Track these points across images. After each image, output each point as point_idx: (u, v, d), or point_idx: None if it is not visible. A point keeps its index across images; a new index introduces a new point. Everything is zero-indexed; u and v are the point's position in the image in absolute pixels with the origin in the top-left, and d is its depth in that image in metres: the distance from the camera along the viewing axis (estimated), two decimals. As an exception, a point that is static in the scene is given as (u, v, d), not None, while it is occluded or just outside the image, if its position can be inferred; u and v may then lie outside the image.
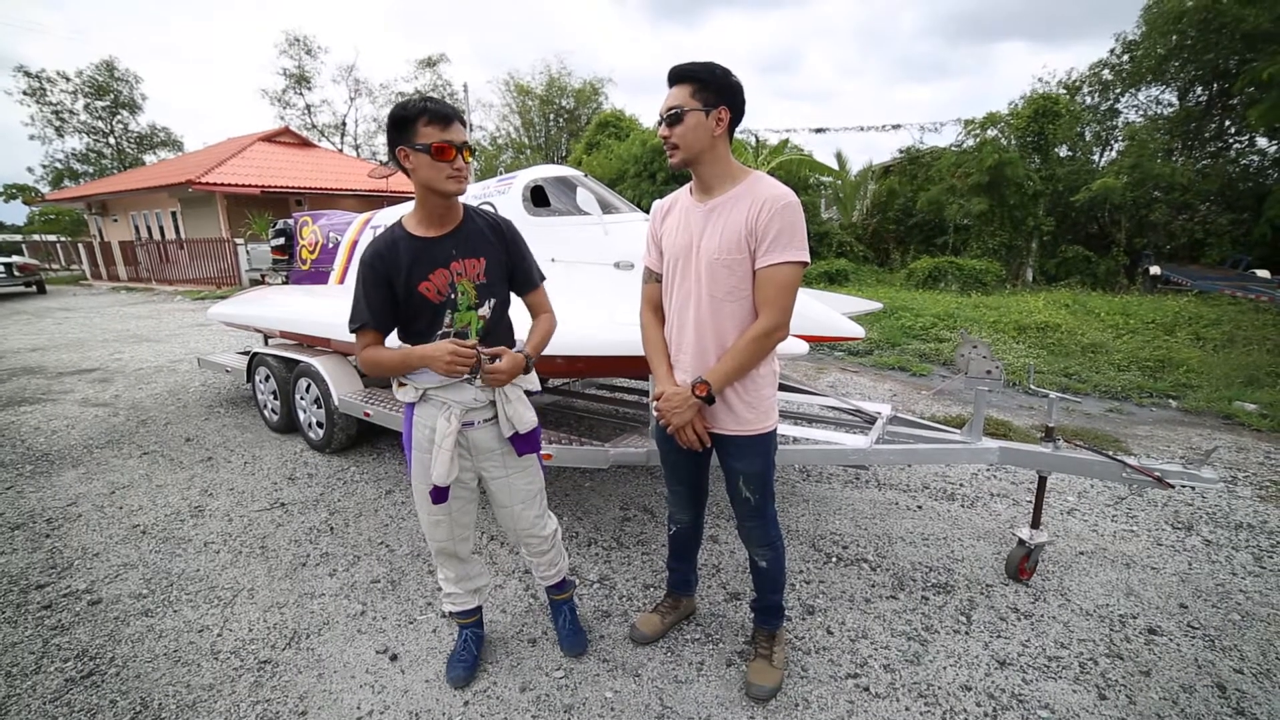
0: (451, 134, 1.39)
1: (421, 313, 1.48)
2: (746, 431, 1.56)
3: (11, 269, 13.71)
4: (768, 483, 1.62)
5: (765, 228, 1.40)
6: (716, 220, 1.47)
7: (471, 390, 1.53)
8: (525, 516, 1.71)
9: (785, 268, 1.41)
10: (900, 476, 3.20)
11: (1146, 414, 4.38)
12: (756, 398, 1.54)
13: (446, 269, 1.47)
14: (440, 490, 1.57)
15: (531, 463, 1.70)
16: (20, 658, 1.90)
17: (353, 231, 4.09)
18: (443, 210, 1.48)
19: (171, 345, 7.29)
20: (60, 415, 4.48)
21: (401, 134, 1.39)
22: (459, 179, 1.42)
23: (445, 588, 1.78)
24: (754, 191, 1.44)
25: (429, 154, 1.37)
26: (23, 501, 3.03)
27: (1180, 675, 1.78)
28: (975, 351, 2.27)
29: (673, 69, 1.44)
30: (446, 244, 1.48)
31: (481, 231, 1.53)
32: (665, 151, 1.50)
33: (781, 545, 1.71)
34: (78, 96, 29.70)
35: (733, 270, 1.45)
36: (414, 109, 1.38)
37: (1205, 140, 12.79)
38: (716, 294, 1.48)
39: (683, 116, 1.42)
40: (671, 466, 1.77)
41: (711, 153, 1.46)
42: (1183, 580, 2.26)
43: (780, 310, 1.43)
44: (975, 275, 10.30)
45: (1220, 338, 6.22)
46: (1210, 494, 2.97)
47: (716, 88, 1.42)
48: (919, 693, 1.71)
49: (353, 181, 17.31)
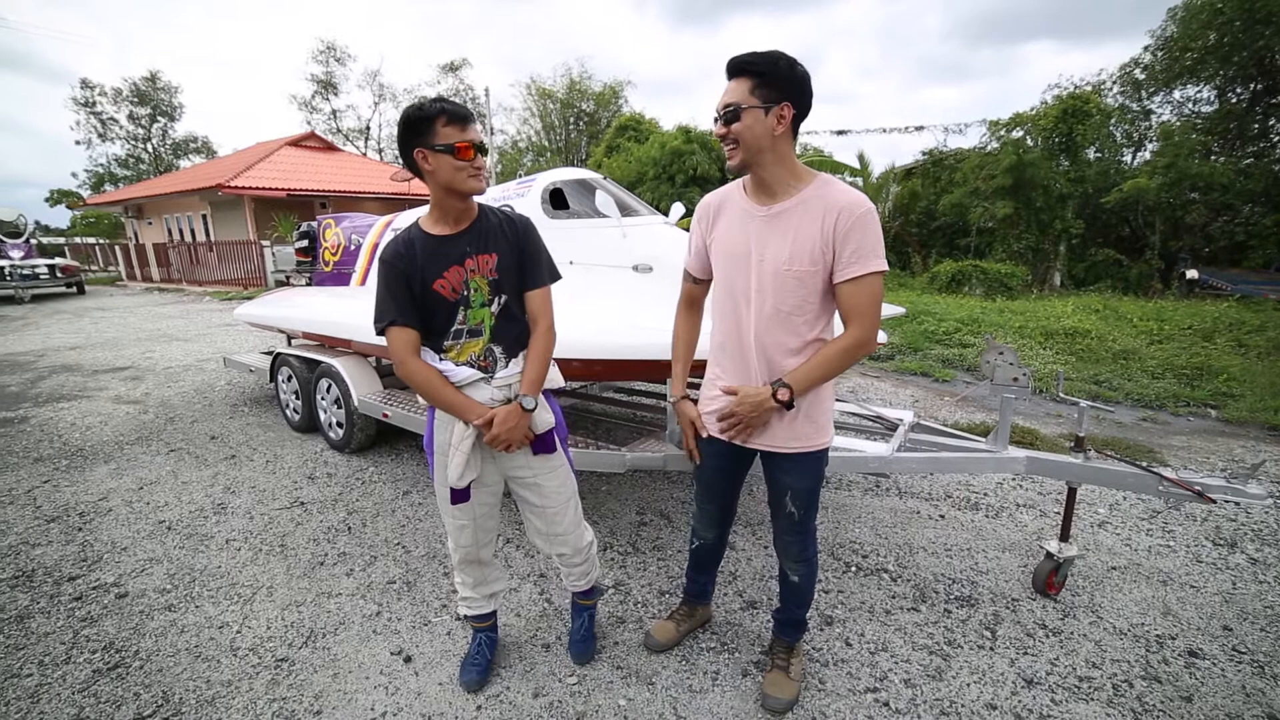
0: (470, 134, 1.40)
1: (437, 310, 1.49)
2: (804, 448, 1.48)
3: (54, 270, 14.26)
4: (815, 499, 1.55)
5: (845, 238, 1.31)
6: (783, 228, 1.37)
7: (488, 390, 1.53)
8: (559, 522, 1.67)
9: (873, 278, 1.32)
10: (922, 485, 3.12)
11: (1183, 424, 4.21)
12: (817, 410, 1.46)
13: (461, 266, 1.47)
14: (458, 492, 1.56)
15: (561, 464, 1.65)
16: (52, 647, 1.95)
17: (374, 234, 4.15)
18: (460, 210, 1.49)
19: (199, 345, 7.49)
20: (94, 412, 4.63)
21: (419, 136, 1.39)
22: (479, 178, 1.43)
23: (462, 591, 1.77)
24: (826, 198, 1.34)
25: (452, 154, 1.37)
26: (58, 495, 3.13)
27: (1225, 703, 1.69)
28: (1001, 358, 2.20)
29: (732, 60, 1.32)
30: (461, 241, 1.49)
31: (496, 227, 1.53)
32: (725, 151, 1.38)
33: (816, 562, 1.66)
34: (121, 105, 31.05)
35: (803, 282, 1.36)
36: (431, 110, 1.37)
37: (1248, 139, 12.29)
38: (783, 307, 1.39)
39: (740, 114, 1.30)
40: (706, 485, 1.70)
41: (773, 153, 1.34)
42: (1226, 600, 2.16)
43: (873, 322, 1.35)
44: (1000, 279, 10.05)
45: (1265, 344, 5.95)
46: (1255, 510, 2.84)
47: (779, 82, 1.30)
48: (941, 710, 1.65)
49: (375, 185, 17.66)
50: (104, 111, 30.88)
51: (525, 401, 1.51)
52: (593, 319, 2.38)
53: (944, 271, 10.61)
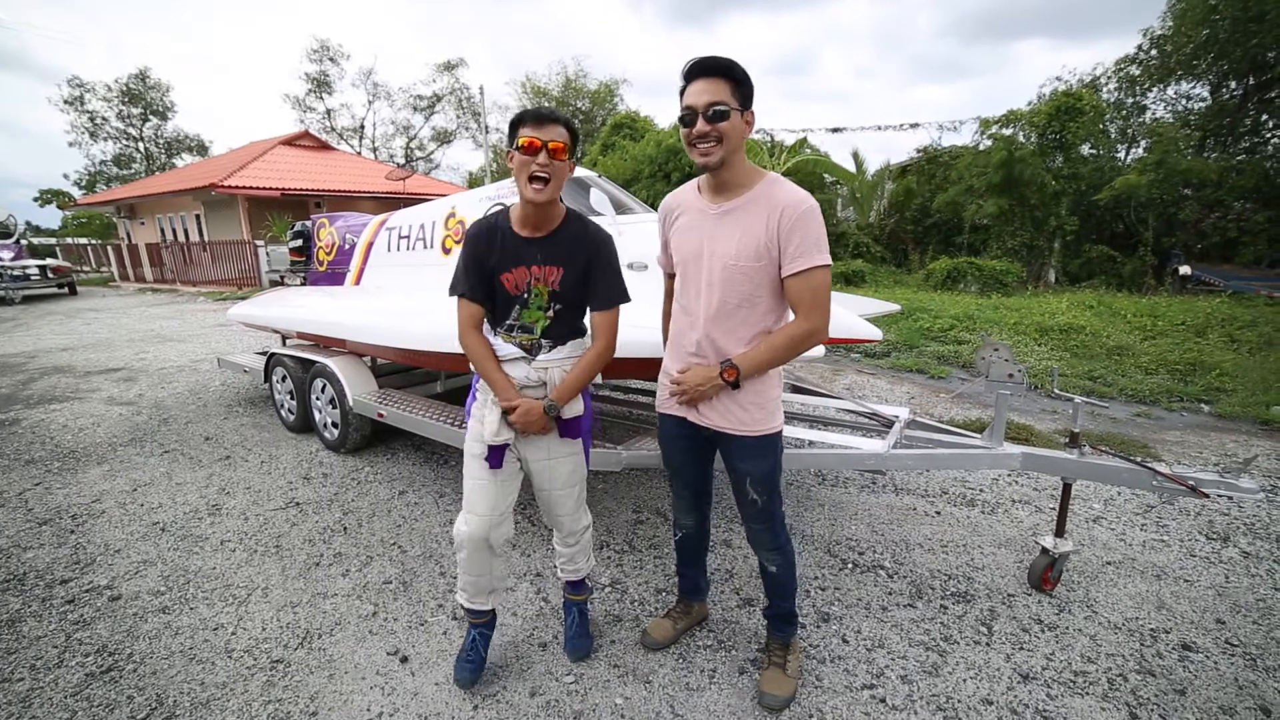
0: (543, 132, 1.46)
1: (498, 296, 1.59)
2: (754, 431, 1.54)
3: (45, 271, 14.13)
4: (775, 484, 1.61)
5: (789, 234, 1.37)
6: (732, 225, 1.43)
7: (525, 368, 1.60)
8: (563, 504, 1.75)
9: (818, 272, 1.39)
10: (918, 481, 3.13)
11: (1177, 419, 4.24)
12: (765, 398, 1.53)
13: (528, 269, 1.55)
14: (495, 450, 1.61)
15: (576, 451, 1.72)
16: (44, 651, 1.93)
17: (368, 233, 4.13)
18: (536, 215, 1.54)
19: (193, 345, 7.45)
20: (87, 413, 4.59)
21: (510, 138, 1.51)
22: (540, 185, 1.46)
23: (462, 580, 1.71)
24: (772, 197, 1.40)
25: (520, 150, 1.47)
26: (50, 498, 3.11)
27: (1219, 696, 1.70)
28: (997, 354, 2.21)
29: (706, 61, 1.36)
30: (534, 247, 1.55)
31: (572, 241, 1.57)
32: (699, 148, 1.38)
33: (791, 549, 1.69)
34: (111, 103, 30.74)
35: (749, 277, 1.43)
36: (520, 115, 1.49)
37: (1240, 135, 12.36)
38: (730, 300, 1.45)
39: (727, 113, 1.35)
40: (675, 470, 1.76)
41: (738, 154, 1.42)
42: (1219, 594, 2.17)
43: (821, 314, 1.41)
44: (995, 276, 10.09)
45: (1257, 340, 5.99)
46: (1248, 504, 2.86)
47: (748, 89, 1.39)
48: (937, 705, 1.66)
49: (370, 184, 17.56)
50: (95, 111, 30.62)
51: (550, 407, 1.58)
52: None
53: (939, 269, 10.64)
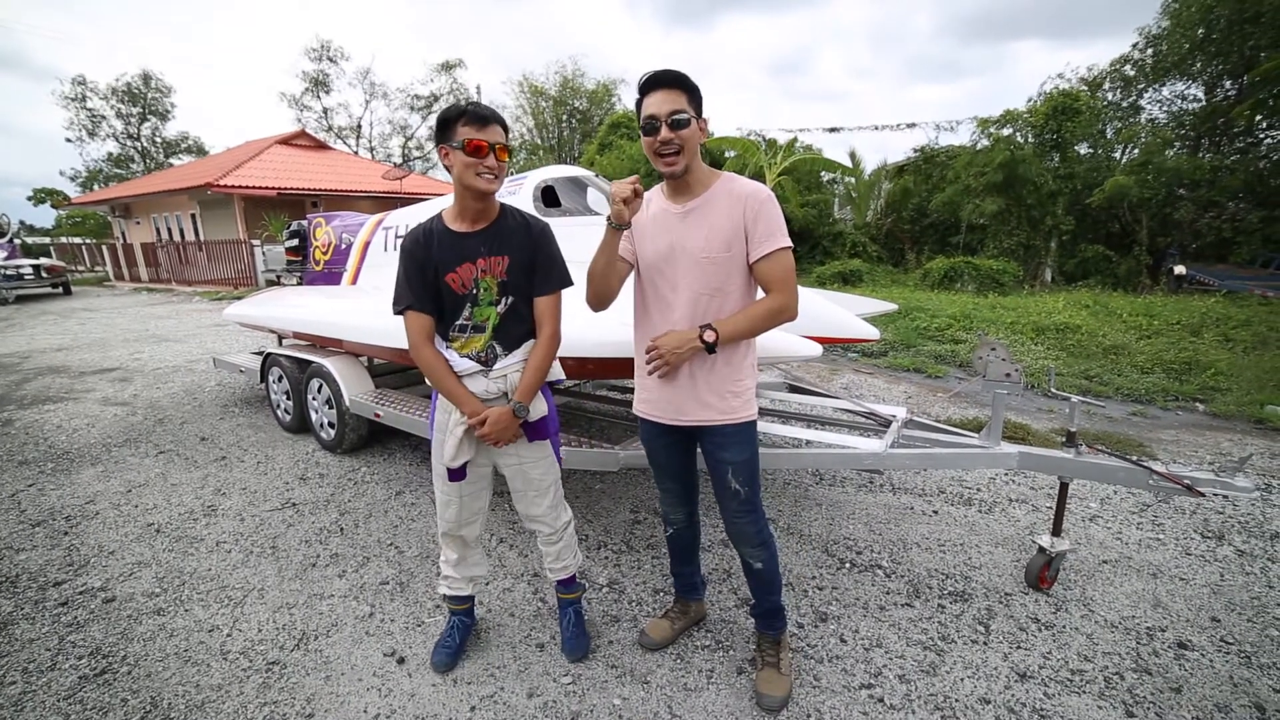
0: (486, 134, 1.47)
1: (446, 300, 1.58)
2: (734, 419, 1.58)
3: (39, 270, 14.05)
4: (755, 473, 1.64)
5: (754, 221, 1.48)
6: (698, 222, 1.52)
7: (484, 382, 1.61)
8: (539, 504, 1.77)
9: (782, 253, 1.49)
10: (915, 481, 3.13)
11: (1172, 418, 4.25)
12: (741, 386, 1.59)
13: (473, 264, 1.55)
14: (454, 471, 1.65)
15: (546, 454, 1.74)
16: (37, 654, 1.92)
17: (365, 232, 4.11)
18: (477, 208, 1.56)
19: (189, 345, 7.41)
20: (81, 414, 4.57)
21: (444, 133, 1.50)
22: (491, 177, 1.50)
23: (444, 569, 1.85)
24: (732, 191, 1.51)
25: (464, 150, 1.46)
26: (44, 499, 3.09)
27: (1214, 693, 1.71)
28: (994, 354, 2.21)
29: (661, 74, 1.46)
30: (477, 240, 1.56)
31: (512, 230, 1.60)
32: (664, 159, 1.48)
33: (774, 543, 1.71)
34: (111, 103, 30.64)
35: (720, 266, 1.51)
36: (455, 111, 1.48)
37: (1234, 135, 12.42)
38: (705, 290, 1.53)
39: (689, 122, 1.45)
40: (661, 466, 1.78)
41: (695, 158, 1.52)
42: (1214, 592, 2.18)
43: (791, 291, 1.50)
44: (992, 275, 10.12)
45: (1251, 339, 6.02)
46: (1243, 502, 2.87)
47: (700, 98, 1.49)
48: (935, 705, 1.66)
49: (367, 183, 17.51)
50: (96, 109, 30.49)
51: (518, 408, 1.59)
52: (585, 317, 2.37)
53: (936, 268, 10.66)
